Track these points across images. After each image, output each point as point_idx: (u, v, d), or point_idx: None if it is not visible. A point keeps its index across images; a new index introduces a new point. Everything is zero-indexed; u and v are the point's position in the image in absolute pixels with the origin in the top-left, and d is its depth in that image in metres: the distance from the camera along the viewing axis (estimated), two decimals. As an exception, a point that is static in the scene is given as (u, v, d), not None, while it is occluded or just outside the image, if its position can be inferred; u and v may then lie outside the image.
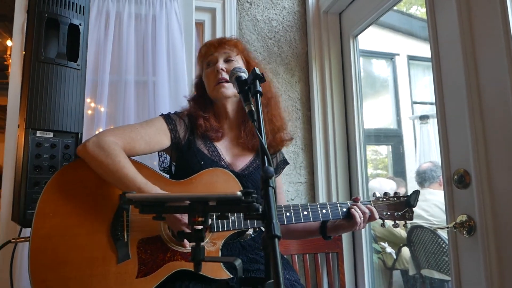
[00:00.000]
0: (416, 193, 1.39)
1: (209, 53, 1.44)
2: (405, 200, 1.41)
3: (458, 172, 1.33)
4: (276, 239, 0.69)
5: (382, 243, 3.24)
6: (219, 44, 1.44)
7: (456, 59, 1.35)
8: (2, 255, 1.58)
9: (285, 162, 1.58)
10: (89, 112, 1.79)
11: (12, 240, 1.27)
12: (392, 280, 3.22)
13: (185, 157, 1.35)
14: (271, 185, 0.76)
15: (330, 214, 1.33)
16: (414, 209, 1.41)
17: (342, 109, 2.24)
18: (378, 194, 1.44)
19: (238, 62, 1.43)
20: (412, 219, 1.40)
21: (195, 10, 2.06)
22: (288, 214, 1.28)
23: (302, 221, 1.29)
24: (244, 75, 1.11)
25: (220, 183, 1.27)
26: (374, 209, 1.37)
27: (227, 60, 1.42)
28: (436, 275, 2.78)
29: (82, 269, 1.10)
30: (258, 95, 0.99)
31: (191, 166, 1.32)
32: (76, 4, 1.34)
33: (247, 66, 1.46)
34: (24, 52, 1.30)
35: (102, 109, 1.79)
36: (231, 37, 1.52)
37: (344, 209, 1.35)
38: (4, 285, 1.54)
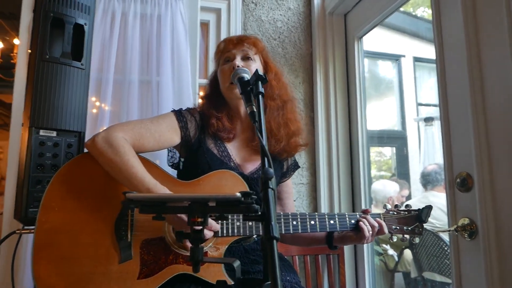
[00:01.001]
0: (428, 208, 1.35)
1: (227, 49, 1.40)
2: (416, 214, 1.37)
3: (461, 175, 1.32)
4: (274, 241, 0.70)
5: (384, 245, 3.23)
6: (238, 41, 1.40)
7: (461, 61, 1.34)
8: (6, 247, 1.60)
9: (295, 166, 1.55)
10: (94, 110, 1.80)
11: (17, 231, 1.27)
12: (394, 282, 3.21)
13: (194, 156, 1.33)
14: (271, 186, 0.77)
15: (337, 225, 1.30)
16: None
17: (346, 110, 2.23)
18: (388, 206, 1.40)
19: (256, 62, 1.39)
20: (421, 234, 1.36)
21: (200, 10, 2.06)
22: (294, 223, 1.25)
23: (309, 231, 1.26)
24: (247, 75, 1.11)
25: (228, 186, 1.23)
26: (383, 224, 1.33)
27: (245, 58, 1.37)
28: (438, 278, 2.77)
29: (84, 266, 1.10)
30: (260, 96, 0.99)
31: (199, 165, 1.29)
32: (82, 4, 1.35)
33: (265, 66, 1.43)
34: (29, 51, 1.31)
35: (106, 108, 1.80)
36: (251, 35, 1.48)
37: (353, 221, 1.31)
38: (6, 276, 1.55)
